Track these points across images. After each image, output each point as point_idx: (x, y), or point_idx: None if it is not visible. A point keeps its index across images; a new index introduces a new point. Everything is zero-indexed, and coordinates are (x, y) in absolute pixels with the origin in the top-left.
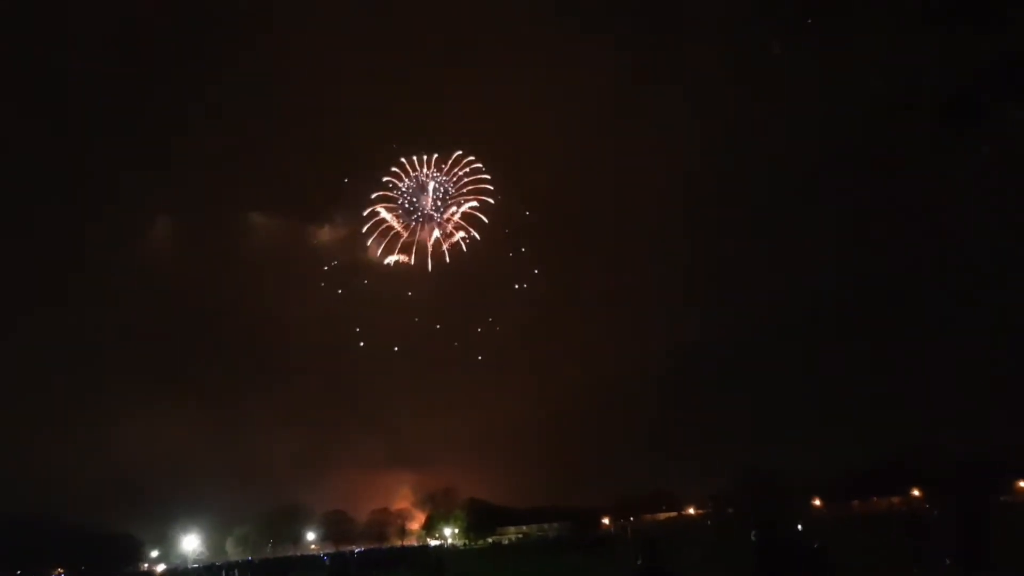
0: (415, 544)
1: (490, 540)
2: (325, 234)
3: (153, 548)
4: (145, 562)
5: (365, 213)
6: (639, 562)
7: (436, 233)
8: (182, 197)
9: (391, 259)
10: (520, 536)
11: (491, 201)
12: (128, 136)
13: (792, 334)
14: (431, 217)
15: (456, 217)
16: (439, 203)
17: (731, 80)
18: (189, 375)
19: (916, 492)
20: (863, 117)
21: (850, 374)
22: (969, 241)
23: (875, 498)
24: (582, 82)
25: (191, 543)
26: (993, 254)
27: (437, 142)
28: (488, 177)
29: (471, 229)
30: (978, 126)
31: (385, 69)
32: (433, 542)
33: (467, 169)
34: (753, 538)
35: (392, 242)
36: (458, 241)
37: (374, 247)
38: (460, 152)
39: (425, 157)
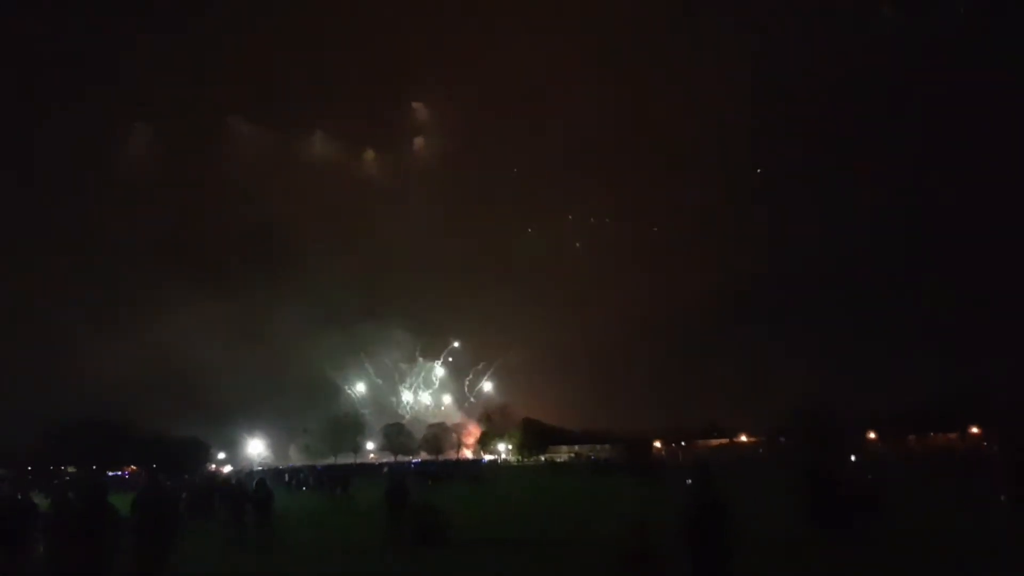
0: (470, 458)
1: (543, 458)
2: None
3: (220, 451)
4: (213, 463)
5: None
6: (689, 482)
7: None
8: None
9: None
10: (572, 456)
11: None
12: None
13: (852, 265)
14: None
15: None
16: None
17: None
18: (232, 289)
19: (975, 429)
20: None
21: (911, 307)
22: None
23: (932, 433)
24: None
25: (256, 447)
26: None
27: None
28: None
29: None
30: None
31: None
32: (488, 457)
33: None
34: (806, 468)
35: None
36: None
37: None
38: None
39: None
